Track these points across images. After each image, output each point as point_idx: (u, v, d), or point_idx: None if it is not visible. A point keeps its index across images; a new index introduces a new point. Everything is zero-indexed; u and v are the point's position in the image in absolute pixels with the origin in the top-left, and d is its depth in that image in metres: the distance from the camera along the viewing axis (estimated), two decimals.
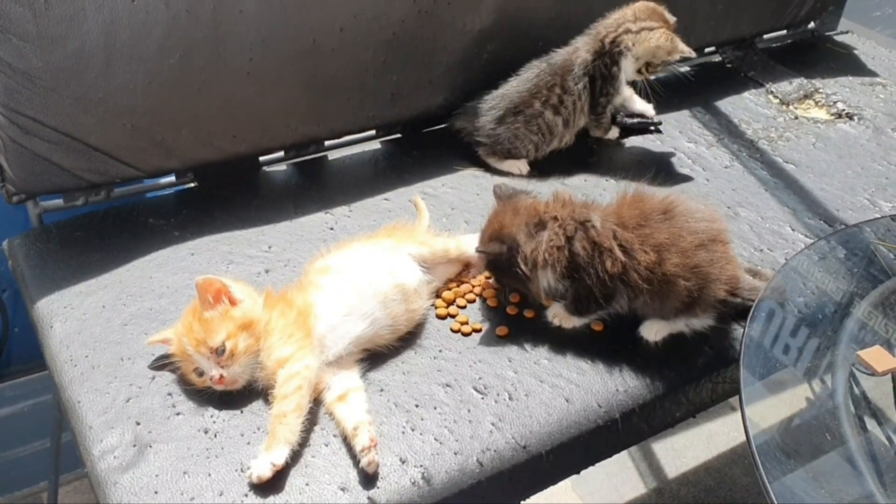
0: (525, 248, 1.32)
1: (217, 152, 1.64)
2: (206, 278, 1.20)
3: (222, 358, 1.17)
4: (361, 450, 1.10)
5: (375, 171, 1.80)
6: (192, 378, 1.21)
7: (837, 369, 1.26)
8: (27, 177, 1.48)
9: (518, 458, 1.19)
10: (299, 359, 1.18)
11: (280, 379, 1.16)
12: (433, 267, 1.43)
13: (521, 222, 1.34)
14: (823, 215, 1.70)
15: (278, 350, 1.18)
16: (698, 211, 1.35)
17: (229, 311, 1.20)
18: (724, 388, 1.39)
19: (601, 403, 1.27)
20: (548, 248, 1.31)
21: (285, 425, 1.11)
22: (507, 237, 1.33)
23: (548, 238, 1.31)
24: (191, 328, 1.20)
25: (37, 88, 1.40)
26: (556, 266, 1.30)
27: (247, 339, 1.18)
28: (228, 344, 1.17)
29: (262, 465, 1.08)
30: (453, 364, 1.30)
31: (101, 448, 1.14)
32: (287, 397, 1.13)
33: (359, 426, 1.12)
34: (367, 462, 1.10)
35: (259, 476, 1.08)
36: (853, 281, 1.44)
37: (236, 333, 1.18)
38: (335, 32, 1.65)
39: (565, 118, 1.79)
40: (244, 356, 1.18)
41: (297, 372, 1.16)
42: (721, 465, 2.31)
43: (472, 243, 1.47)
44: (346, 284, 1.28)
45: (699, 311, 1.33)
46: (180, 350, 1.20)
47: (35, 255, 1.48)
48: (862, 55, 2.39)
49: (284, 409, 1.12)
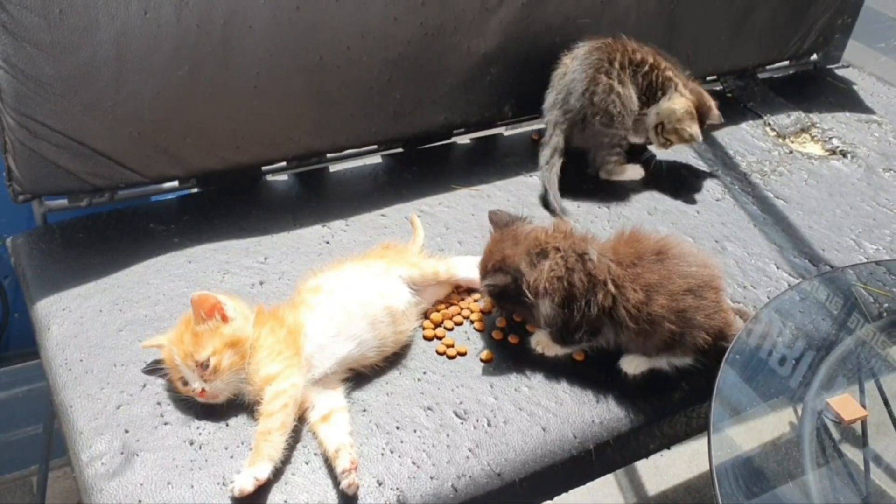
0: (528, 277, 1.34)
1: (220, 162, 1.68)
2: (202, 294, 1.23)
3: (206, 372, 1.20)
4: (342, 472, 1.14)
5: (374, 186, 1.83)
6: (178, 386, 1.25)
7: (806, 414, 1.29)
8: (34, 178, 1.52)
9: (492, 485, 1.23)
10: (287, 377, 1.21)
11: (267, 396, 1.19)
12: (423, 288, 1.46)
13: (522, 251, 1.36)
14: (809, 254, 1.73)
15: (266, 367, 1.22)
16: (692, 255, 1.38)
17: (219, 328, 1.23)
18: (699, 423, 1.43)
19: (577, 434, 1.31)
20: (549, 278, 1.33)
21: (269, 442, 1.15)
22: (511, 267, 1.35)
23: (549, 268, 1.34)
24: (181, 339, 1.23)
25: (47, 95, 1.44)
26: (553, 296, 1.33)
27: (232, 356, 1.22)
28: (213, 360, 1.20)
29: (244, 479, 1.12)
30: (436, 387, 1.34)
31: (90, 454, 1.18)
32: (273, 415, 1.17)
33: (340, 449, 1.16)
34: (347, 484, 1.14)
35: (241, 489, 1.11)
36: (832, 325, 1.48)
37: (222, 350, 1.22)
38: (342, 51, 1.68)
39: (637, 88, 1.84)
40: (227, 373, 1.21)
41: (283, 390, 1.19)
42: (702, 485, 2.33)
43: (462, 266, 1.52)
44: (337, 305, 1.32)
45: (680, 352, 1.36)
46: (169, 358, 1.24)
47: (37, 255, 1.52)
48: (861, 90, 2.42)
49: (269, 426, 1.16)
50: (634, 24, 2.05)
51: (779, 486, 1.22)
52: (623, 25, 2.03)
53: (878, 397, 1.41)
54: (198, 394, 1.21)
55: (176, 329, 1.27)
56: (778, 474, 1.23)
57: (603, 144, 1.85)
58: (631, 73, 1.84)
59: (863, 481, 1.31)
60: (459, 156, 1.99)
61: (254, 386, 1.22)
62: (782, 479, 1.22)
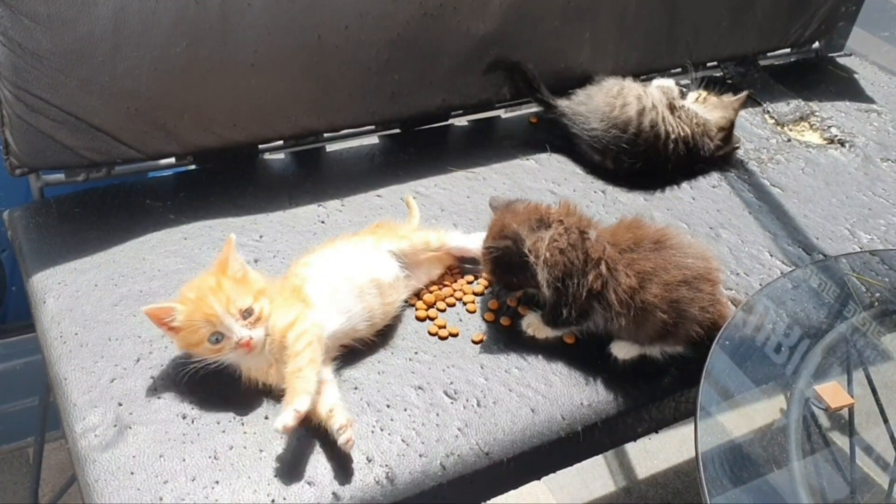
0: (528, 240, 1.34)
1: (217, 139, 1.68)
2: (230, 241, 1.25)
3: (250, 320, 1.20)
4: (339, 428, 1.14)
5: (371, 167, 1.84)
6: (200, 348, 1.20)
7: (794, 401, 1.31)
8: (31, 152, 1.52)
9: (480, 463, 1.24)
10: (305, 318, 1.23)
11: (290, 340, 1.20)
12: (416, 265, 1.47)
13: (521, 220, 1.38)
14: (803, 243, 1.74)
15: (284, 317, 1.23)
16: (690, 247, 1.38)
17: (248, 278, 1.24)
18: (687, 408, 1.44)
19: (565, 416, 1.32)
20: (550, 247, 1.34)
21: (302, 378, 1.15)
22: (511, 233, 1.36)
23: (552, 237, 1.35)
24: (220, 287, 1.21)
25: (45, 69, 1.44)
26: (553, 268, 1.34)
27: (268, 304, 1.23)
28: (256, 306, 1.21)
29: (286, 415, 1.11)
30: (427, 367, 1.35)
31: (83, 426, 1.19)
32: (300, 353, 1.18)
33: (333, 408, 1.17)
34: (344, 440, 1.14)
35: (285, 424, 1.10)
36: (823, 313, 1.49)
37: (259, 298, 1.23)
38: (340, 30, 1.68)
39: None
40: (265, 321, 1.22)
41: (305, 330, 1.21)
42: (691, 469, 2.35)
43: (454, 235, 1.53)
44: (325, 280, 1.33)
45: (672, 342, 1.37)
46: (200, 313, 1.18)
47: (34, 229, 1.53)
48: (862, 80, 2.41)
49: (299, 364, 1.17)
50: (635, 10, 2.04)
51: (766, 473, 1.23)
52: (623, 10, 2.03)
53: (867, 386, 1.42)
54: (244, 343, 1.19)
55: (201, 283, 1.23)
56: (765, 460, 1.24)
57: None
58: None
59: (849, 468, 1.33)
60: (457, 138, 1.99)
61: (274, 337, 1.22)
62: (769, 466, 1.24)
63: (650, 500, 2.29)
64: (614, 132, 1.81)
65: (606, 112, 1.82)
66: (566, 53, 2.00)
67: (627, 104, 1.82)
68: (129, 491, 1.11)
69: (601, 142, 1.83)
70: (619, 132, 1.81)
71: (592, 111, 1.85)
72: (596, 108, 1.84)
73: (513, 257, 1.36)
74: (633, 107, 1.82)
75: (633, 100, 1.83)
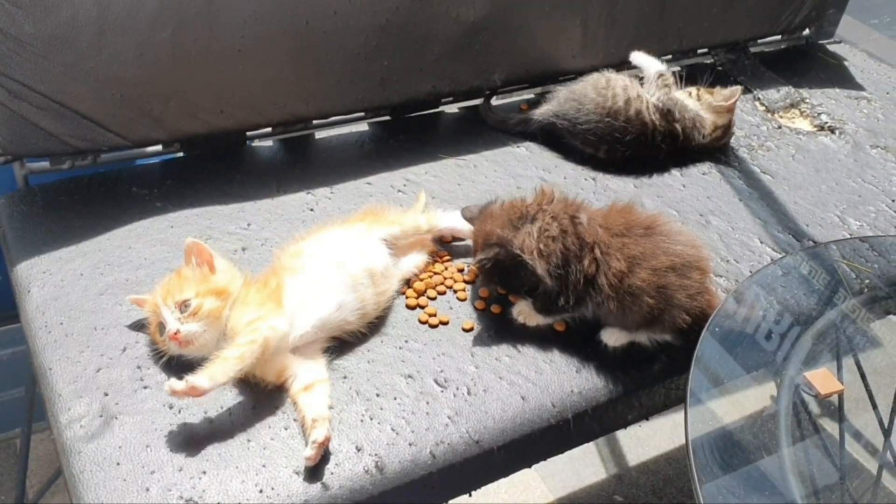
0: (516, 240, 1.34)
1: (204, 126, 1.66)
2: (198, 243, 1.25)
3: (184, 315, 1.20)
4: (313, 441, 1.13)
5: (360, 154, 1.82)
6: (155, 337, 1.24)
7: (784, 388, 1.30)
8: (14, 139, 1.50)
9: (470, 452, 1.24)
10: (266, 318, 1.21)
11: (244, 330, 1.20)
12: (405, 249, 1.47)
13: (502, 222, 1.37)
14: (793, 230, 1.73)
15: (249, 315, 1.22)
16: (680, 234, 1.38)
17: (208, 276, 1.25)
18: (678, 395, 1.44)
19: (555, 403, 1.32)
20: (541, 238, 1.33)
21: (220, 365, 1.14)
22: (496, 239, 1.35)
23: (541, 228, 1.34)
24: (167, 281, 1.25)
25: (28, 54, 1.42)
26: (550, 258, 1.33)
27: (214, 303, 1.22)
28: (195, 301, 1.20)
29: (179, 383, 1.11)
30: (417, 355, 1.34)
31: (69, 416, 1.18)
32: (238, 346, 1.17)
33: (318, 419, 1.16)
34: (309, 453, 1.13)
35: (171, 386, 1.11)
36: (813, 299, 1.49)
37: (206, 294, 1.22)
38: (329, 15, 1.66)
39: None
40: (206, 319, 1.20)
41: (257, 328, 1.19)
42: (681, 456, 2.35)
43: (444, 216, 1.53)
44: (316, 268, 1.32)
45: (659, 329, 1.36)
46: (151, 304, 1.24)
47: (18, 218, 1.51)
48: (852, 67, 2.41)
49: (229, 353, 1.16)
50: None
51: (756, 459, 1.23)
52: None
53: (857, 372, 1.42)
54: (171, 335, 1.19)
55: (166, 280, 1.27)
56: (755, 447, 1.24)
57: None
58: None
59: (838, 454, 1.33)
60: (447, 125, 1.98)
61: (235, 333, 1.21)
62: (759, 452, 1.24)
63: (641, 487, 2.30)
64: (608, 121, 1.81)
65: (600, 102, 1.82)
66: (557, 39, 1.99)
67: (616, 95, 1.82)
68: (115, 482, 1.10)
69: (595, 134, 1.82)
70: (612, 120, 1.80)
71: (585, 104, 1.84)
72: (589, 99, 1.83)
73: (507, 261, 1.35)
74: (621, 97, 1.82)
75: (619, 91, 1.83)
